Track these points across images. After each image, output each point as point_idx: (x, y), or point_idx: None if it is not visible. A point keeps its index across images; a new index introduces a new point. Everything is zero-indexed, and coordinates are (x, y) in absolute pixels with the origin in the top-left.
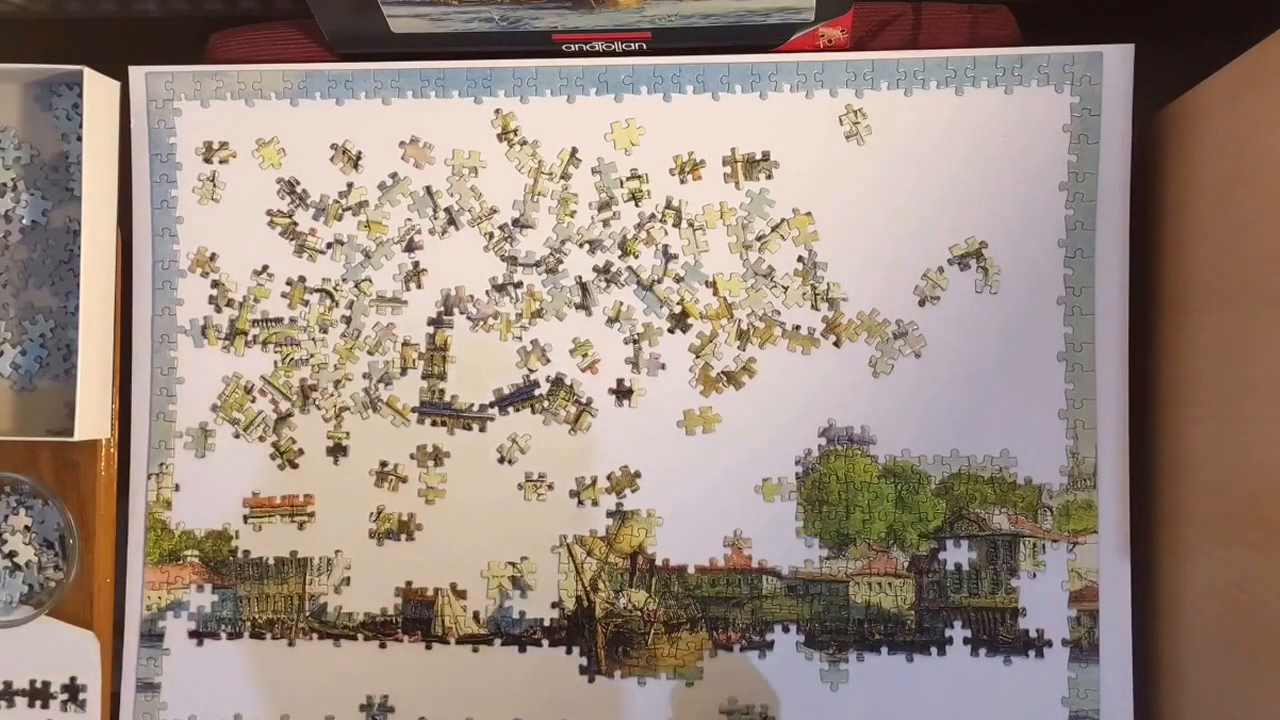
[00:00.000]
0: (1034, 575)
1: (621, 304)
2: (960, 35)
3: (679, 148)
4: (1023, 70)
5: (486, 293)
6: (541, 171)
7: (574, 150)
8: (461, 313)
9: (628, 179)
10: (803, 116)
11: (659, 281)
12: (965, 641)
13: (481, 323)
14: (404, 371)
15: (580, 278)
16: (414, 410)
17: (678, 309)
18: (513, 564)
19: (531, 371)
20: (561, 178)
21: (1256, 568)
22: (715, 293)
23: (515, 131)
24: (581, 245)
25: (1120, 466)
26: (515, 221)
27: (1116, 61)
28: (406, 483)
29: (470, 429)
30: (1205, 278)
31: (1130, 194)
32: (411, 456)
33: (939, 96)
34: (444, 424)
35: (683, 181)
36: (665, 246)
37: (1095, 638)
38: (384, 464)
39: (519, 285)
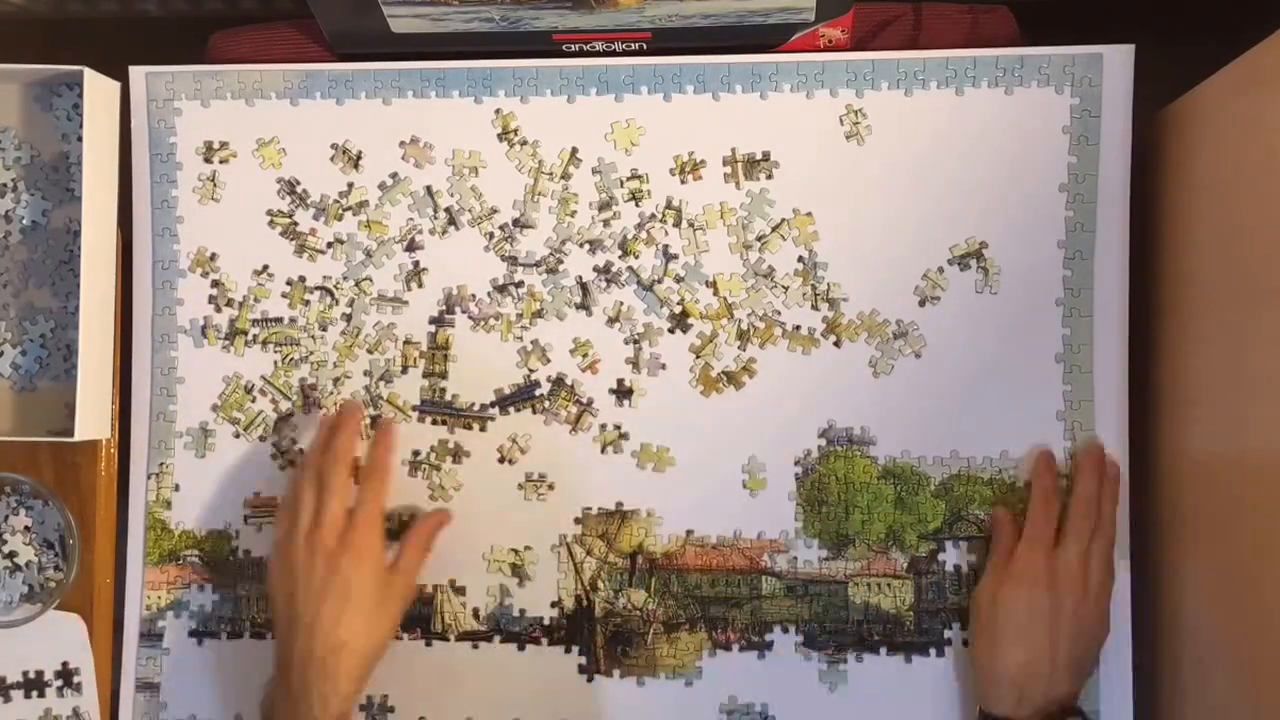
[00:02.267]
0: None
1: (622, 304)
2: (960, 35)
3: (679, 148)
4: (1023, 71)
5: (489, 293)
6: (542, 171)
7: (574, 150)
8: (463, 312)
9: (628, 179)
10: (803, 116)
11: (659, 281)
12: (965, 643)
13: (483, 323)
14: (405, 370)
15: (580, 277)
16: (414, 409)
17: (678, 309)
18: (515, 550)
19: (532, 371)
20: (562, 177)
21: (1256, 568)
22: (715, 293)
23: (515, 131)
24: (582, 245)
25: (1120, 468)
26: (515, 221)
27: (1116, 62)
28: (440, 471)
29: (471, 428)
30: (1205, 278)
31: (1130, 194)
32: (432, 449)
33: (939, 96)
34: (444, 423)
35: (683, 181)
36: (665, 246)
37: None
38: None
39: (520, 285)
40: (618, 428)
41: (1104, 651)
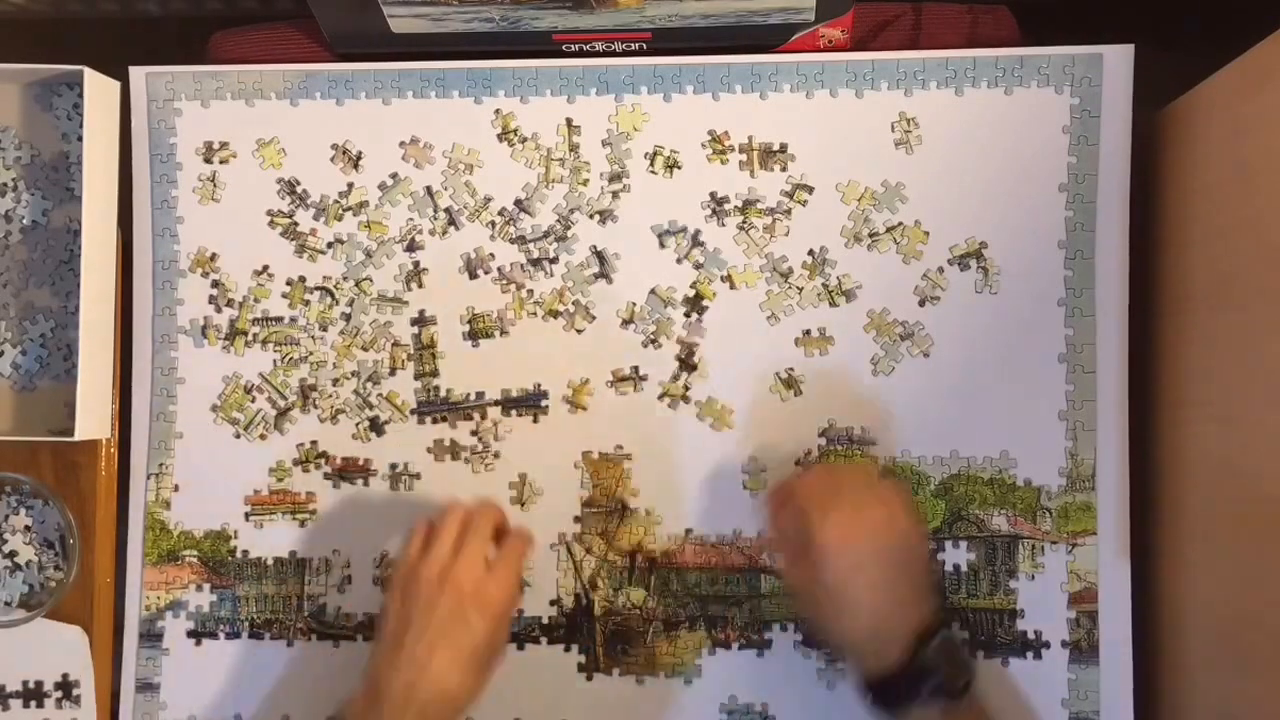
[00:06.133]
0: (1032, 577)
1: (635, 305)
2: (960, 35)
3: (679, 145)
4: (1023, 71)
5: (511, 264)
6: (552, 158)
7: (569, 120)
8: (485, 273)
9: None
10: (802, 117)
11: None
12: (963, 643)
13: (506, 285)
14: (393, 372)
15: (594, 245)
16: (413, 411)
17: (691, 292)
18: None
19: (540, 384)
20: (571, 150)
21: (1257, 568)
22: (732, 286)
23: (515, 131)
24: (591, 216)
25: (1120, 468)
26: (516, 202)
27: (1116, 62)
28: (420, 479)
29: (471, 418)
30: (1205, 278)
31: (1130, 194)
32: (429, 450)
33: (939, 96)
34: (444, 419)
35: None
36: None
37: (1095, 639)
38: (394, 466)
39: (537, 262)
40: (620, 448)
41: (1104, 651)
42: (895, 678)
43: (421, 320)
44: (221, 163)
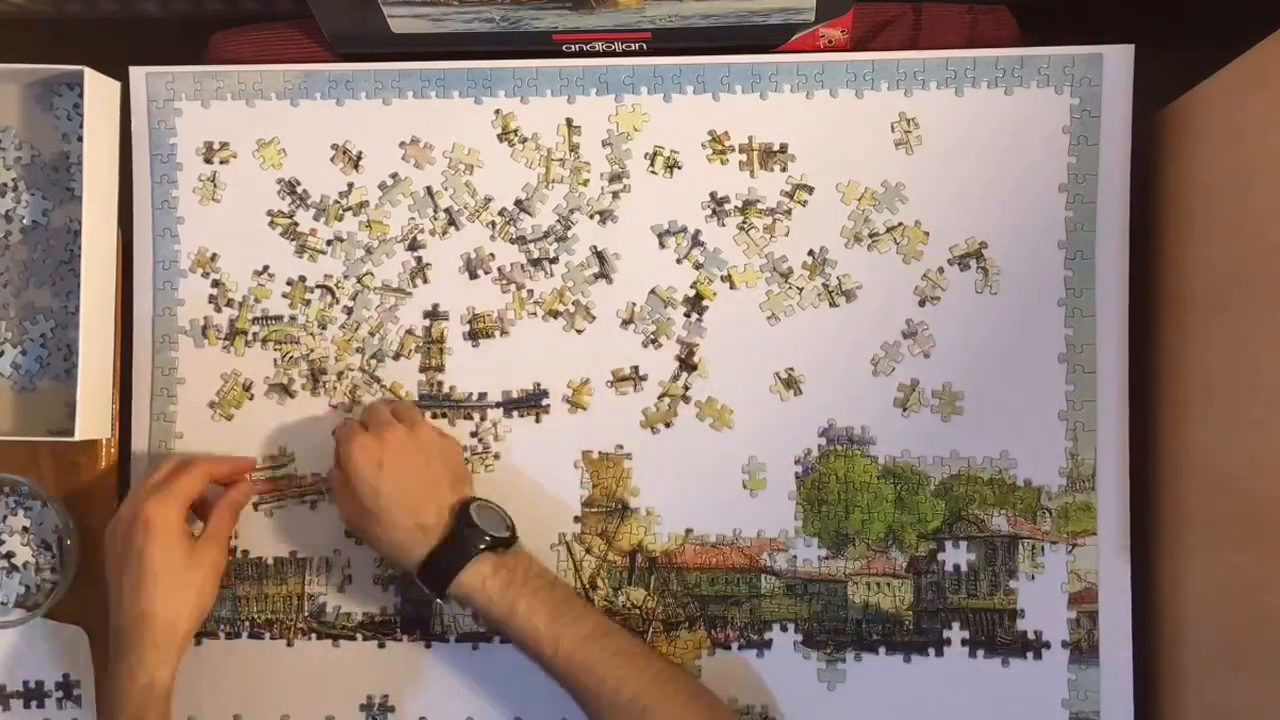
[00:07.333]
0: (1032, 577)
1: (635, 305)
2: (960, 35)
3: (679, 145)
4: (1023, 71)
5: (511, 264)
6: (552, 159)
7: (569, 120)
8: (485, 273)
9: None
10: (802, 117)
11: (680, 261)
12: (963, 643)
13: (506, 285)
14: (398, 357)
15: (595, 246)
16: (415, 403)
17: (691, 292)
18: None
19: (540, 384)
20: (571, 150)
21: (1257, 568)
22: (732, 286)
23: (515, 131)
24: (591, 216)
25: (1120, 468)
26: (516, 202)
27: (1116, 62)
28: None
29: (471, 418)
30: (1205, 278)
31: (1130, 194)
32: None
33: (939, 96)
34: (444, 415)
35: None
36: (696, 232)
37: (1095, 639)
38: None
39: (537, 263)
40: (620, 448)
41: (1104, 651)
42: (444, 547)
43: (434, 314)
44: (222, 163)
